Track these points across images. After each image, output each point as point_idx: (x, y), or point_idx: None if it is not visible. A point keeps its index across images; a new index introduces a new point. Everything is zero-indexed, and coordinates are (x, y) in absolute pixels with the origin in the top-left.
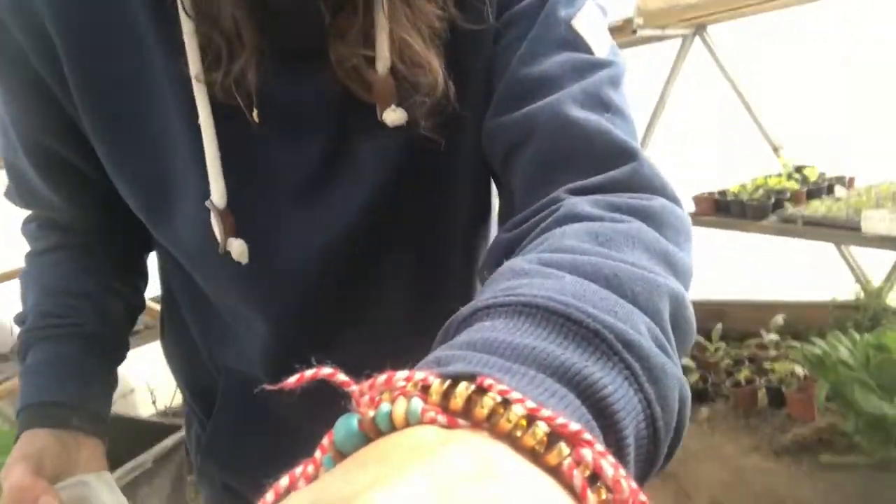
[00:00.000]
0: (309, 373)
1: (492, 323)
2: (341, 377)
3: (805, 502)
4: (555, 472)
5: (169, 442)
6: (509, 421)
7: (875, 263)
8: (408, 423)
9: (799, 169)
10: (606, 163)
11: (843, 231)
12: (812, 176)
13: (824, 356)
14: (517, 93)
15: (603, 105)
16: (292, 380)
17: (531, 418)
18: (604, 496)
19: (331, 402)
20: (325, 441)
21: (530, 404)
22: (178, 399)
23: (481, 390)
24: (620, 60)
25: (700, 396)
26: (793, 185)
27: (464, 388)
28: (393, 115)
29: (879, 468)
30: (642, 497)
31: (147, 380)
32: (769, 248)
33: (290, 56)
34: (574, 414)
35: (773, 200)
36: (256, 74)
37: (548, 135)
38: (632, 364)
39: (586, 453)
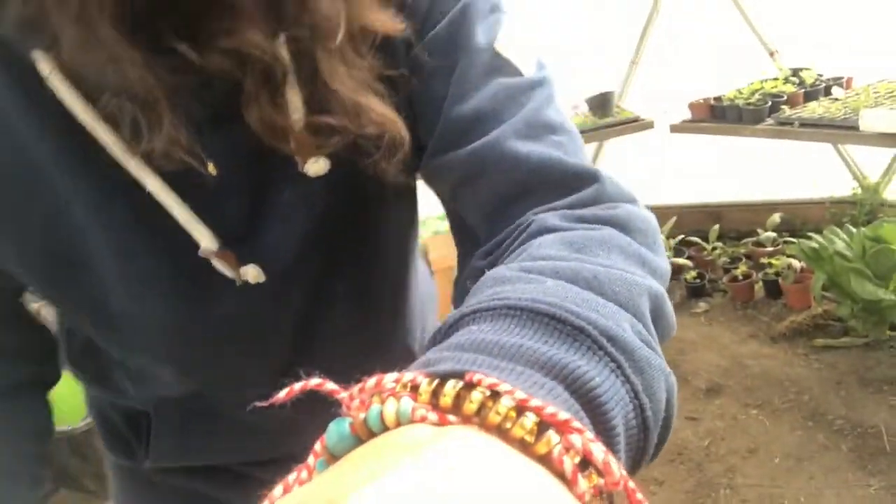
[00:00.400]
0: (298, 386)
1: (479, 326)
2: (330, 386)
3: (800, 382)
4: (545, 460)
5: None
6: (498, 413)
7: (872, 162)
8: (399, 423)
9: (796, 72)
10: (568, 190)
11: (841, 131)
12: (809, 79)
13: (821, 249)
14: (457, 130)
15: (547, 129)
16: (282, 394)
17: (520, 410)
18: (595, 481)
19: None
20: (318, 446)
21: (519, 395)
22: None
23: (470, 386)
24: (547, 72)
25: (697, 292)
26: (789, 89)
27: (452, 386)
28: (315, 167)
29: (871, 348)
30: (632, 484)
31: None
32: (766, 151)
33: (207, 117)
34: (563, 405)
35: (769, 104)
36: (188, 133)
37: (501, 174)
38: (617, 357)
39: (575, 439)
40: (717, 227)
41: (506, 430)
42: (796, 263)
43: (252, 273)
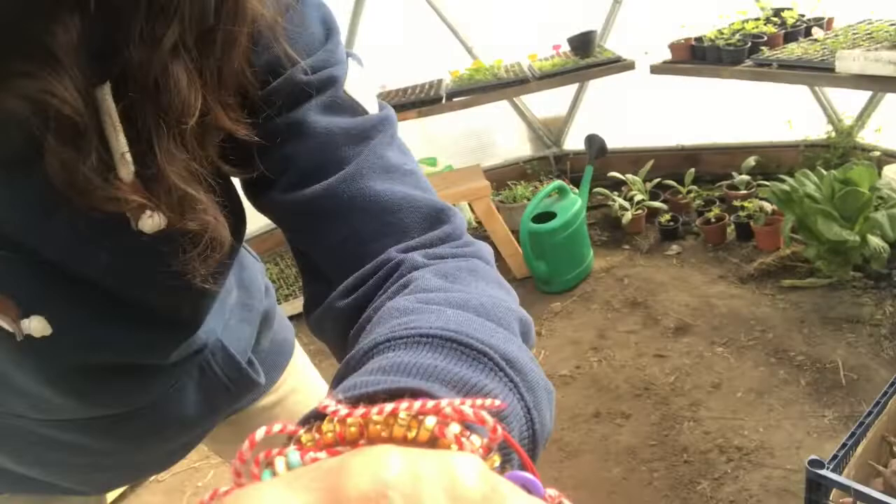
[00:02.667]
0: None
1: (395, 353)
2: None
3: (766, 320)
4: (436, 443)
5: None
6: (377, 424)
7: (848, 105)
8: None
9: (777, 12)
10: (424, 226)
11: (817, 73)
12: (790, 19)
13: (791, 191)
14: (307, 168)
15: (397, 169)
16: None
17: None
18: (482, 442)
19: None
20: None
21: (389, 407)
22: None
23: (344, 420)
24: (388, 110)
25: (671, 235)
26: (770, 29)
27: (328, 425)
28: (150, 222)
29: (834, 288)
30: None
31: None
32: (745, 93)
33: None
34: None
35: (749, 45)
36: None
37: (357, 212)
38: (514, 377)
39: (447, 410)
40: (692, 170)
41: (390, 437)
42: (768, 206)
43: (37, 327)
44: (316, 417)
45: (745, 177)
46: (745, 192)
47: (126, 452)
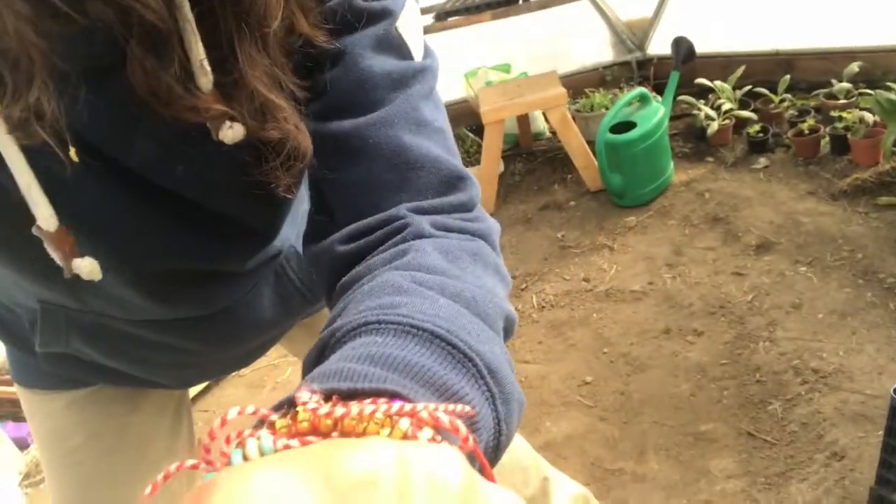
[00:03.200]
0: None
1: (384, 339)
2: (189, 462)
3: (855, 240)
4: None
5: None
6: (353, 419)
7: None
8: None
9: None
10: (441, 189)
11: None
12: None
13: None
14: (340, 102)
15: (428, 124)
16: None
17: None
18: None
19: None
20: None
21: (369, 408)
22: None
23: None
24: (433, 60)
25: (759, 147)
26: None
27: (304, 413)
28: (231, 133)
29: None
30: (472, 444)
31: None
32: None
33: (85, 73)
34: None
35: None
36: (58, 104)
37: (381, 159)
38: (493, 389)
39: (423, 415)
40: (787, 77)
41: (363, 433)
42: (869, 117)
43: (87, 268)
44: (291, 403)
45: (847, 84)
46: (844, 101)
47: (207, 353)
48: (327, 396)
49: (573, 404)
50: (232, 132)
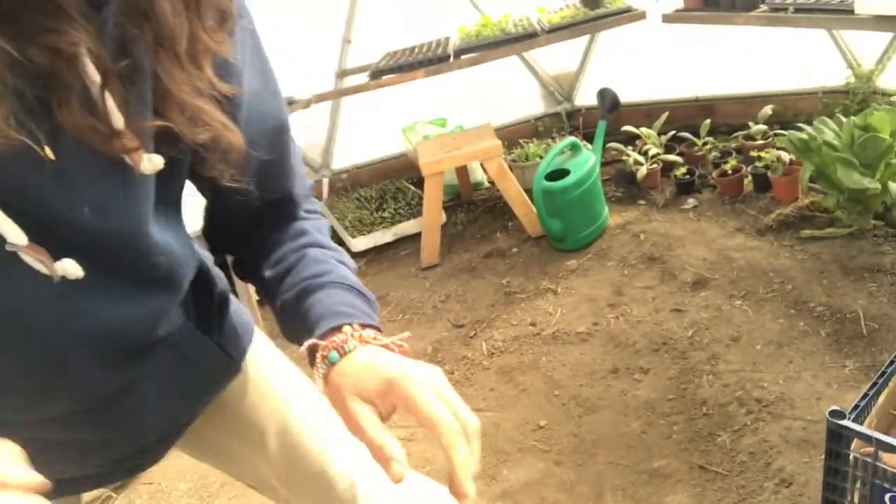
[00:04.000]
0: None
1: (338, 293)
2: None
3: (784, 272)
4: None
5: None
6: (364, 340)
7: (867, 48)
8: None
9: None
10: (310, 193)
11: (836, 15)
12: None
13: (810, 140)
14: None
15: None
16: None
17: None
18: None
19: None
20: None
21: (370, 333)
22: None
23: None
24: None
25: (687, 188)
26: None
27: (352, 342)
28: (150, 165)
29: (855, 237)
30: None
31: None
32: (760, 40)
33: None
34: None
35: None
36: (18, 113)
37: (292, 179)
38: (377, 310)
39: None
40: (707, 121)
41: (368, 341)
42: (785, 156)
43: (69, 268)
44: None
45: (762, 126)
46: (762, 142)
47: (102, 445)
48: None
49: (528, 450)
50: (152, 164)
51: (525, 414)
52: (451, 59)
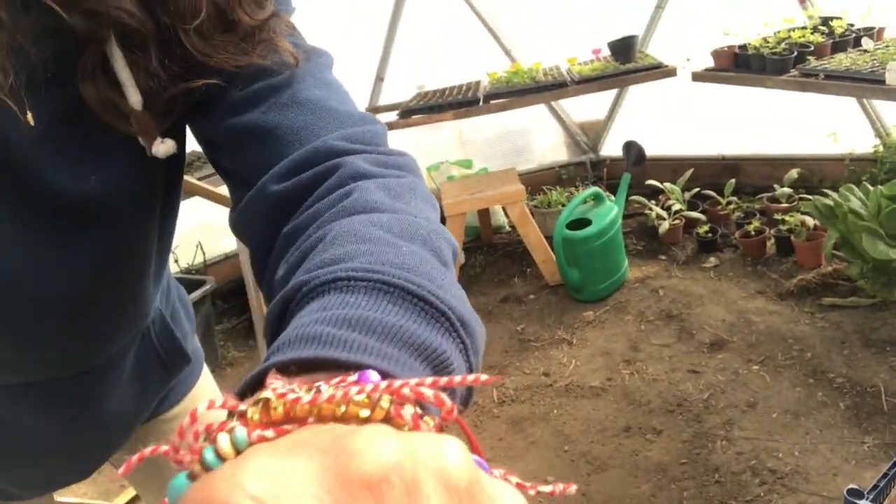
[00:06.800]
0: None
1: (355, 298)
2: (162, 448)
3: (804, 339)
4: (392, 422)
5: (197, 294)
6: (330, 403)
7: None
8: (238, 452)
9: (826, 21)
10: (358, 122)
11: (866, 84)
12: (839, 28)
13: (835, 206)
14: (250, 73)
15: (332, 85)
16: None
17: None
18: (435, 421)
19: None
20: None
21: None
22: (199, 258)
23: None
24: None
25: (708, 247)
26: (817, 39)
27: (276, 400)
28: (163, 148)
29: (878, 308)
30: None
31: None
32: (789, 103)
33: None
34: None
35: (795, 54)
36: (11, 78)
37: (295, 106)
38: (465, 339)
39: (405, 391)
40: (733, 181)
41: (342, 416)
42: (810, 221)
43: (165, 148)
44: (255, 387)
45: (787, 190)
46: (786, 205)
47: (48, 434)
48: (301, 366)
49: None
50: (164, 147)
51: (533, 467)
52: (481, 103)
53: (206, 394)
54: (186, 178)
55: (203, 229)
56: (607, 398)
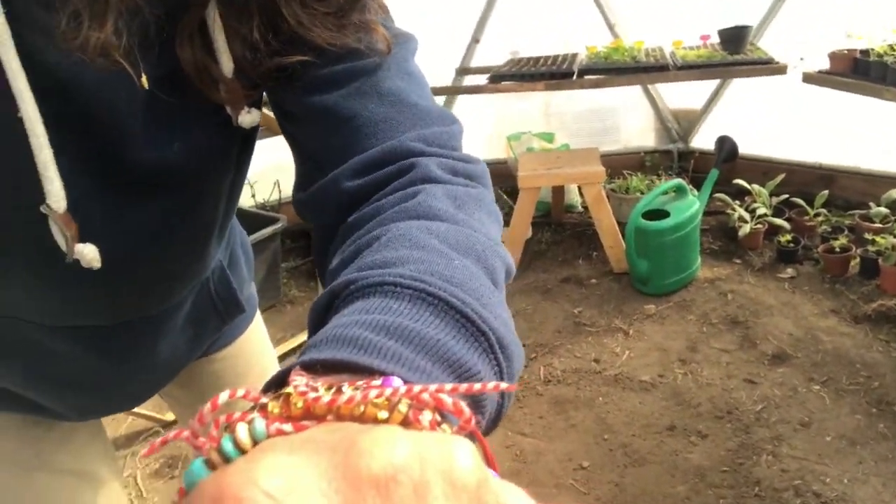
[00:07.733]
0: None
1: (399, 305)
2: (184, 434)
3: (875, 366)
4: (409, 426)
5: (267, 231)
6: (349, 404)
7: None
8: (255, 443)
9: None
10: (438, 121)
11: None
12: None
13: None
14: (340, 53)
15: (414, 76)
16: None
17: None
18: (452, 429)
19: None
20: (177, 498)
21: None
22: (275, 195)
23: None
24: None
25: (788, 257)
26: None
27: (297, 396)
28: (249, 118)
29: None
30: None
31: (248, 174)
32: None
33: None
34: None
35: None
36: (129, 39)
37: (375, 96)
38: (501, 363)
39: (425, 397)
40: (826, 192)
41: (360, 416)
42: None
43: (89, 254)
44: (280, 383)
45: (884, 209)
46: (880, 225)
47: (102, 371)
48: (326, 365)
49: (566, 487)
50: (250, 117)
51: (570, 450)
52: (575, 76)
53: (256, 338)
54: (271, 115)
55: (282, 169)
56: (656, 394)
